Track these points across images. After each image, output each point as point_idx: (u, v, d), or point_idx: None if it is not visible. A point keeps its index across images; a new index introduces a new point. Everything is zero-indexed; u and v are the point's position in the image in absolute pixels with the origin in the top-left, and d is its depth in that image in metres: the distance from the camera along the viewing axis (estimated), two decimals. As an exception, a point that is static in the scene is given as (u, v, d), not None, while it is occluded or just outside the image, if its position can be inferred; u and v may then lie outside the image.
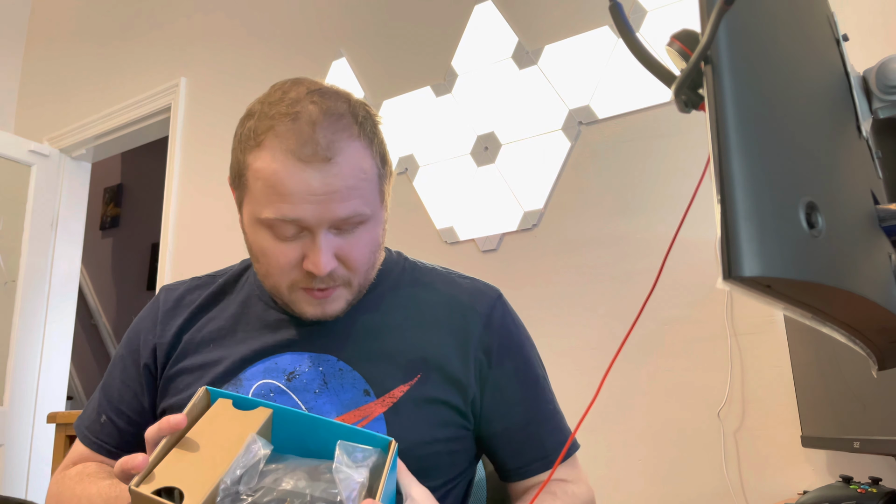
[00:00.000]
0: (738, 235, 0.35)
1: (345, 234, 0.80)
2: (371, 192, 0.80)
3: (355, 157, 0.78)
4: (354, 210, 0.78)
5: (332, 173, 0.76)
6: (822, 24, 0.54)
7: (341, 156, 0.76)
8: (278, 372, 0.85)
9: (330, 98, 0.79)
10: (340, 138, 0.77)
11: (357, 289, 0.85)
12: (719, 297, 1.65)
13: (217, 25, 3.04)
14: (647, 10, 1.89)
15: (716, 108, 0.37)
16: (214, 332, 0.91)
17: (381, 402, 0.82)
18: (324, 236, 0.78)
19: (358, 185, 0.78)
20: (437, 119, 2.25)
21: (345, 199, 0.77)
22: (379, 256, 0.86)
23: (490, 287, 0.96)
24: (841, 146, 0.49)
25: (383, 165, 0.83)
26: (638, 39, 0.46)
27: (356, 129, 0.79)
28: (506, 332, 0.91)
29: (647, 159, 1.83)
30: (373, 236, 0.82)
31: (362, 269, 0.83)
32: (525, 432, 0.89)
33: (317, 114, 0.77)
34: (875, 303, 0.43)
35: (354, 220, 0.79)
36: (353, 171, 0.77)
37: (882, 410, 1.13)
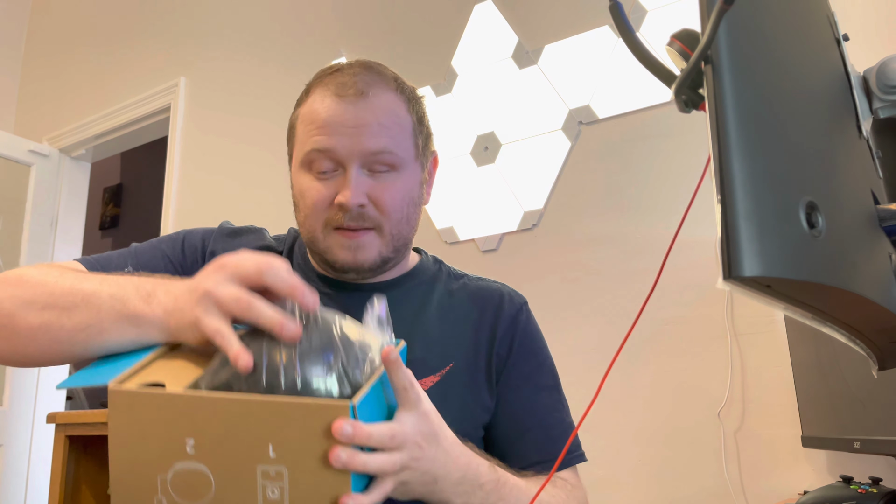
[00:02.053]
0: (738, 235, 0.35)
1: (377, 175, 0.83)
2: (403, 139, 0.84)
3: (389, 101, 0.84)
4: (384, 146, 0.81)
5: (364, 107, 0.81)
6: (822, 23, 0.54)
7: (375, 95, 0.82)
8: None
9: (376, 65, 0.88)
10: (377, 83, 0.84)
11: (389, 239, 0.85)
12: (719, 297, 1.65)
13: (217, 25, 3.04)
14: (647, 10, 1.89)
15: (716, 108, 0.37)
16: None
17: (426, 382, 0.86)
18: (356, 171, 0.81)
19: (389, 124, 0.82)
20: (437, 119, 2.25)
21: (375, 135, 0.81)
22: (413, 213, 0.87)
23: (517, 293, 0.99)
24: (841, 146, 0.49)
25: (421, 126, 0.88)
26: (638, 39, 0.46)
27: (394, 84, 0.86)
28: (527, 336, 0.94)
29: (647, 159, 1.83)
30: (406, 186, 0.85)
31: (394, 216, 0.84)
32: (529, 436, 0.90)
33: (359, 67, 0.85)
34: (875, 303, 0.43)
35: (384, 158, 0.82)
36: (386, 111, 0.83)
37: (882, 410, 1.13)
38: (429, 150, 0.92)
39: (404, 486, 0.65)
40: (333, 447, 0.56)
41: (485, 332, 0.91)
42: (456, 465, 0.69)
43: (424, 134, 0.90)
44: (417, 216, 0.89)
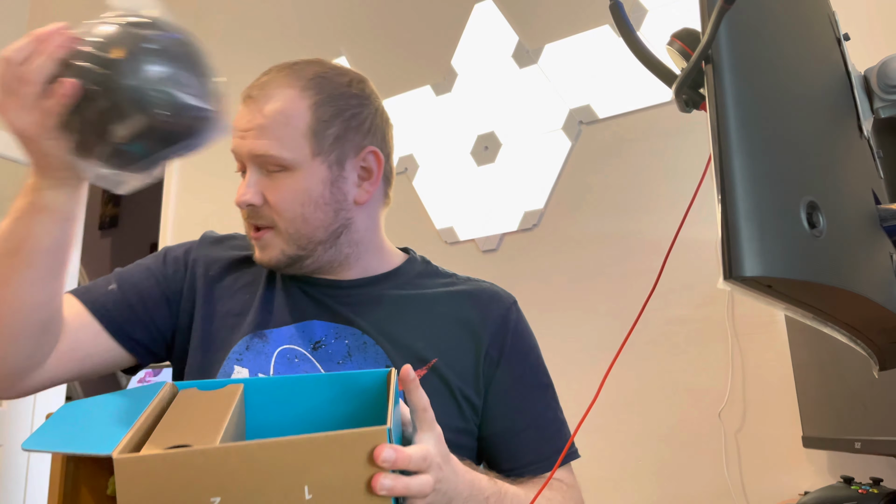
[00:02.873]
0: (738, 235, 0.35)
1: (272, 175, 0.84)
2: (293, 139, 0.83)
3: (280, 102, 0.84)
4: (264, 149, 0.83)
5: (252, 110, 0.84)
6: (823, 23, 0.54)
7: (264, 98, 0.84)
8: (304, 339, 0.88)
9: (297, 64, 0.89)
10: (273, 85, 0.85)
11: (288, 238, 0.86)
12: (720, 297, 1.65)
13: (216, 25, 3.04)
14: (647, 10, 1.88)
15: (717, 108, 0.37)
16: (249, 284, 0.94)
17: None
18: (251, 172, 0.85)
19: (274, 127, 0.83)
20: (436, 119, 2.25)
21: (256, 138, 0.83)
22: (312, 213, 0.85)
23: (507, 293, 0.98)
24: (842, 146, 0.49)
25: (330, 123, 0.85)
26: (638, 38, 0.46)
27: (297, 82, 0.86)
28: (518, 336, 0.94)
29: (647, 159, 1.83)
30: (299, 186, 0.84)
31: (286, 215, 0.84)
32: (523, 436, 0.90)
33: (275, 68, 0.88)
34: (876, 303, 0.43)
35: (270, 160, 0.83)
36: (271, 114, 0.83)
37: (883, 411, 1.13)
38: (347, 146, 0.87)
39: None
40: (377, 475, 0.55)
41: (472, 332, 0.91)
42: (464, 483, 0.69)
43: (336, 132, 0.86)
44: (321, 216, 0.86)
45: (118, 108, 0.64)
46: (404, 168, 2.29)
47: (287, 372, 0.86)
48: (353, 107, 0.88)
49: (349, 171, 0.88)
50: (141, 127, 0.65)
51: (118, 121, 0.65)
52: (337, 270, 0.92)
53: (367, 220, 0.92)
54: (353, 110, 0.88)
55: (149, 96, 0.65)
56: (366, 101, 0.90)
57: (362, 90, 0.91)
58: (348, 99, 0.88)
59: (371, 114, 0.90)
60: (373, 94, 0.93)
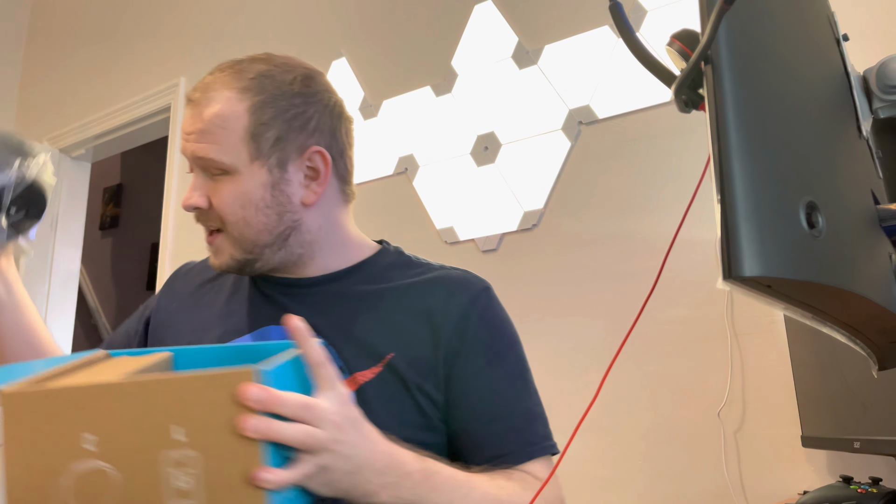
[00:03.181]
0: (738, 235, 0.35)
1: (216, 178, 0.84)
2: (232, 143, 0.83)
3: (218, 105, 0.83)
4: (204, 153, 0.83)
5: (193, 113, 0.84)
6: (822, 23, 0.54)
7: (206, 101, 0.84)
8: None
9: (242, 63, 0.87)
10: (214, 86, 0.84)
11: (235, 242, 0.86)
12: (719, 297, 1.65)
13: (217, 25, 3.04)
14: (647, 10, 1.89)
15: (716, 108, 0.37)
16: (205, 301, 0.97)
17: (353, 380, 0.83)
18: (197, 174, 0.85)
19: (213, 131, 0.82)
20: (437, 119, 2.25)
21: (196, 141, 0.83)
22: (254, 216, 0.84)
23: (479, 279, 0.93)
24: (841, 146, 0.49)
25: (269, 126, 0.84)
26: (638, 39, 0.46)
27: (237, 83, 0.84)
28: (484, 323, 0.88)
29: (647, 159, 1.83)
30: (238, 189, 0.83)
31: (228, 219, 0.84)
32: (489, 428, 0.85)
33: (218, 69, 0.87)
34: (875, 303, 0.43)
35: (209, 164, 0.83)
36: (209, 117, 0.83)
37: (882, 410, 1.13)
38: (289, 147, 0.85)
39: (326, 474, 0.61)
40: (244, 414, 0.54)
41: (432, 322, 0.86)
42: (379, 454, 0.65)
43: (277, 133, 0.84)
44: (263, 219, 0.85)
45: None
46: (404, 168, 2.29)
47: None
48: (295, 106, 0.86)
49: (293, 173, 0.86)
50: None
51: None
52: (295, 268, 0.91)
53: (321, 219, 0.90)
54: (296, 110, 0.86)
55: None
56: (311, 98, 0.87)
57: (308, 86, 0.87)
58: (291, 98, 0.86)
59: (317, 112, 0.87)
60: (321, 90, 0.89)
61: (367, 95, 2.45)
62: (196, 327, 0.94)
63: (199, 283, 1.01)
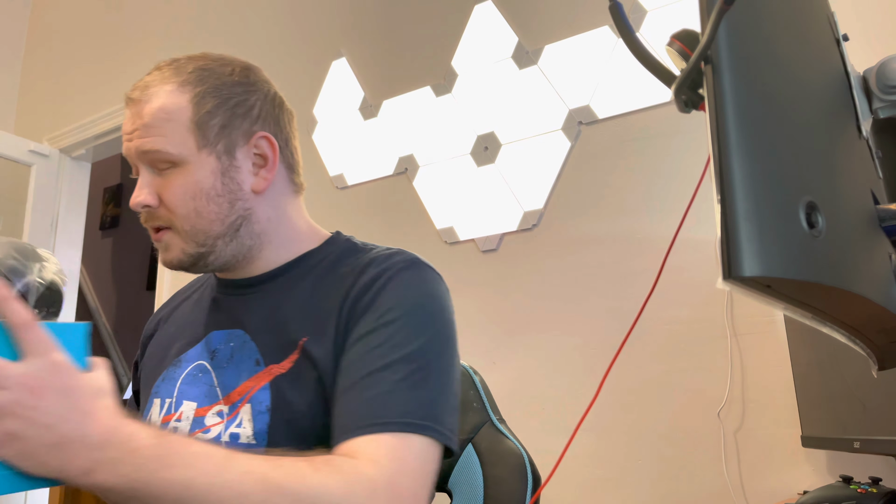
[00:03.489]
0: (738, 235, 0.35)
1: (163, 173, 0.84)
2: (177, 134, 0.83)
3: (158, 99, 0.84)
4: (150, 146, 0.83)
5: (133, 111, 0.84)
6: (822, 23, 0.54)
7: (146, 98, 0.84)
8: (207, 352, 0.89)
9: (178, 61, 0.88)
10: (153, 84, 0.85)
11: (185, 235, 0.85)
12: (719, 297, 1.65)
13: (216, 25, 3.04)
14: (647, 10, 1.89)
15: (716, 108, 0.37)
16: (178, 316, 0.99)
17: (268, 372, 0.82)
18: (143, 171, 0.85)
19: (157, 123, 0.83)
20: (437, 119, 2.25)
21: (141, 136, 0.83)
22: (205, 205, 0.84)
23: (409, 255, 0.87)
24: (841, 146, 0.49)
25: (212, 114, 0.85)
26: (638, 39, 0.46)
27: (176, 78, 0.85)
28: (385, 293, 0.81)
29: (647, 159, 1.83)
30: (189, 179, 0.83)
31: (179, 212, 0.84)
32: (344, 397, 0.75)
33: (155, 68, 0.87)
34: (875, 303, 0.43)
35: (158, 157, 0.83)
36: (151, 111, 0.83)
37: (882, 410, 1.13)
38: (234, 133, 0.86)
39: (18, 444, 0.57)
40: None
41: (343, 300, 0.82)
42: (96, 426, 0.60)
43: (221, 121, 0.85)
44: (215, 208, 0.84)
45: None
46: (404, 168, 2.29)
47: (190, 389, 0.87)
48: (237, 94, 0.87)
49: (241, 160, 0.86)
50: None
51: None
52: (243, 265, 0.90)
53: (270, 209, 0.89)
54: (238, 98, 0.87)
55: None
56: (251, 87, 0.88)
57: (247, 77, 0.89)
58: (232, 87, 0.87)
59: (259, 100, 0.89)
60: (260, 81, 0.90)
61: (367, 95, 2.45)
62: (164, 344, 0.96)
63: (177, 304, 1.03)
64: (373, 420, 0.72)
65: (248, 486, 0.62)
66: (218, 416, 0.83)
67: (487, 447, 1.01)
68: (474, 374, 1.08)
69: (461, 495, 1.00)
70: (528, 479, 0.97)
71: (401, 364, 0.75)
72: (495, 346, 1.97)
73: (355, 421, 0.72)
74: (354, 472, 0.66)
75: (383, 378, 0.74)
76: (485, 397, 1.06)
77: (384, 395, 0.73)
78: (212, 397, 0.84)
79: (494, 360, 1.96)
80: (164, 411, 0.88)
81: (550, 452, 1.01)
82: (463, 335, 2.29)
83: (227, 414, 0.82)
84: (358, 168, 2.42)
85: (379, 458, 0.69)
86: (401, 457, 0.69)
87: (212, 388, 0.85)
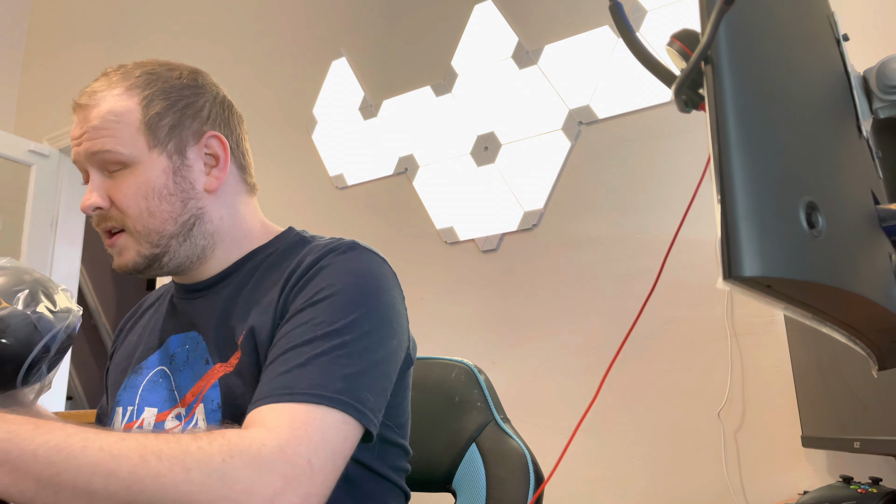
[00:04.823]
0: (738, 235, 0.35)
1: (114, 175, 0.84)
2: (128, 135, 0.84)
3: (107, 103, 0.85)
4: (101, 146, 0.83)
5: (81, 117, 0.85)
6: (822, 23, 0.54)
7: (94, 103, 0.85)
8: (165, 358, 0.90)
9: (142, 63, 0.89)
10: (100, 89, 0.86)
11: (139, 236, 0.85)
12: (719, 297, 1.65)
13: (216, 25, 3.04)
14: (647, 10, 1.89)
15: (716, 108, 0.37)
16: (140, 325, 1.00)
17: (215, 371, 0.83)
18: (93, 175, 0.85)
19: (107, 125, 0.84)
20: (437, 119, 2.25)
21: (90, 139, 0.84)
22: (157, 205, 0.84)
23: (346, 241, 0.86)
24: (841, 146, 0.49)
25: (162, 115, 0.86)
26: (638, 39, 0.46)
27: (123, 83, 0.86)
28: (322, 273, 0.80)
29: (647, 159, 1.83)
30: (140, 179, 0.84)
31: (131, 212, 0.84)
32: (264, 374, 0.74)
33: (102, 75, 0.88)
34: (875, 303, 0.43)
35: (107, 157, 0.83)
36: (99, 114, 0.84)
37: (882, 410, 1.13)
38: (185, 133, 0.86)
39: None
40: None
41: (283, 286, 0.82)
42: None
43: (171, 122, 0.86)
44: (167, 207, 0.85)
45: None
46: (404, 168, 2.29)
47: (151, 396, 0.88)
48: (186, 97, 0.88)
49: (193, 160, 0.87)
50: None
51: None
52: (197, 267, 0.90)
53: (223, 209, 0.89)
54: (187, 100, 0.88)
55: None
56: (200, 90, 0.90)
57: (195, 80, 0.91)
58: (180, 90, 0.88)
59: (208, 102, 0.90)
60: (208, 84, 0.92)
61: (367, 95, 2.45)
62: (127, 353, 0.97)
63: (140, 313, 1.04)
64: (280, 391, 0.70)
65: (125, 449, 0.60)
66: (176, 419, 0.84)
67: (491, 447, 1.01)
68: (479, 374, 1.08)
69: (464, 495, 1.00)
70: (531, 478, 0.97)
71: (322, 339, 0.73)
72: (495, 345, 1.98)
73: (264, 393, 0.70)
74: (239, 438, 0.64)
75: (300, 352, 0.73)
76: (489, 397, 1.06)
77: (298, 367, 0.71)
78: (171, 401, 0.86)
79: (494, 360, 1.96)
80: (126, 419, 0.88)
81: (550, 452, 1.01)
82: (463, 335, 2.30)
83: (185, 416, 0.83)
84: (358, 168, 2.42)
85: (275, 425, 0.66)
86: (300, 426, 0.67)
87: (171, 392, 0.86)
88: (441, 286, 2.12)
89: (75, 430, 0.60)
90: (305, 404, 0.68)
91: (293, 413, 0.67)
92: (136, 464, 0.59)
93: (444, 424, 1.05)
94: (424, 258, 2.18)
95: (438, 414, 1.06)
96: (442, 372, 1.09)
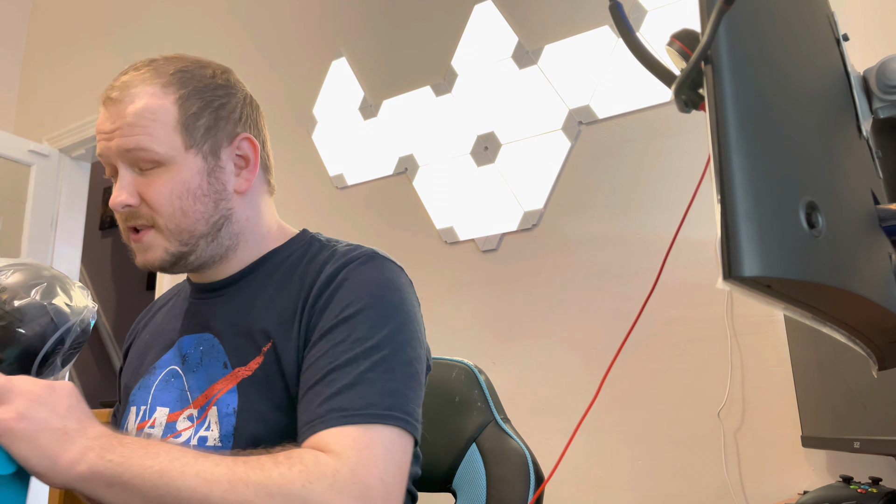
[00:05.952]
0: (738, 235, 0.35)
1: (146, 173, 0.84)
2: (164, 133, 0.83)
3: (143, 99, 0.83)
4: (135, 144, 0.82)
5: (114, 110, 0.83)
6: (822, 23, 0.54)
7: (129, 98, 0.83)
8: (178, 358, 0.90)
9: (157, 61, 0.87)
10: (133, 84, 0.84)
11: (169, 234, 0.85)
12: (719, 297, 1.65)
13: (216, 25, 3.04)
14: (647, 10, 1.89)
15: (716, 108, 0.37)
16: (154, 325, 1.00)
17: (234, 375, 0.83)
18: (123, 172, 0.84)
19: (143, 123, 0.82)
20: (437, 119, 2.25)
21: (125, 135, 0.82)
22: (191, 205, 0.85)
23: (367, 249, 0.87)
24: (841, 146, 0.49)
25: (198, 116, 0.86)
26: (638, 39, 0.46)
27: (158, 80, 0.85)
28: (346, 287, 0.81)
29: (647, 159, 1.83)
30: (175, 179, 0.84)
31: (163, 210, 0.84)
32: (310, 393, 0.76)
33: (132, 68, 0.86)
34: (875, 303, 0.43)
35: (141, 155, 0.82)
36: (136, 110, 0.83)
37: (882, 410, 1.13)
38: (219, 135, 0.87)
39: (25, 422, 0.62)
40: None
41: (305, 296, 0.83)
42: (96, 426, 0.66)
43: (207, 122, 0.86)
44: (201, 208, 0.85)
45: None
46: (404, 168, 2.29)
47: (163, 395, 0.88)
48: (220, 97, 0.88)
49: (225, 161, 0.88)
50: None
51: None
52: (218, 265, 0.90)
53: (248, 209, 0.90)
54: (221, 100, 0.88)
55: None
56: (232, 90, 0.90)
57: (227, 80, 0.91)
58: (214, 90, 0.88)
59: (240, 102, 0.90)
60: (238, 83, 0.93)
61: (367, 95, 2.45)
62: (141, 352, 0.97)
63: (154, 312, 1.04)
64: (336, 413, 0.72)
65: (218, 475, 0.65)
66: (188, 420, 0.84)
67: (491, 447, 1.01)
68: (479, 374, 1.08)
69: (465, 495, 1.00)
70: (531, 478, 0.97)
71: (363, 357, 0.76)
72: (495, 345, 1.98)
73: (319, 415, 0.73)
74: (315, 463, 0.67)
75: (346, 372, 0.75)
76: (489, 397, 1.06)
77: (347, 387, 0.74)
78: (183, 401, 0.86)
79: (494, 360, 1.96)
80: (139, 418, 0.89)
81: (550, 452, 1.01)
82: (463, 335, 2.30)
83: (197, 417, 0.83)
84: (358, 168, 2.42)
85: (342, 449, 0.69)
86: (365, 446, 0.70)
87: (183, 393, 0.86)
88: (441, 286, 2.12)
89: (178, 454, 0.66)
90: (363, 425, 0.71)
91: (354, 435, 0.71)
92: (226, 489, 0.65)
93: (444, 424, 1.05)
94: (424, 258, 2.18)
95: (439, 414, 1.06)
96: (442, 372, 1.09)
